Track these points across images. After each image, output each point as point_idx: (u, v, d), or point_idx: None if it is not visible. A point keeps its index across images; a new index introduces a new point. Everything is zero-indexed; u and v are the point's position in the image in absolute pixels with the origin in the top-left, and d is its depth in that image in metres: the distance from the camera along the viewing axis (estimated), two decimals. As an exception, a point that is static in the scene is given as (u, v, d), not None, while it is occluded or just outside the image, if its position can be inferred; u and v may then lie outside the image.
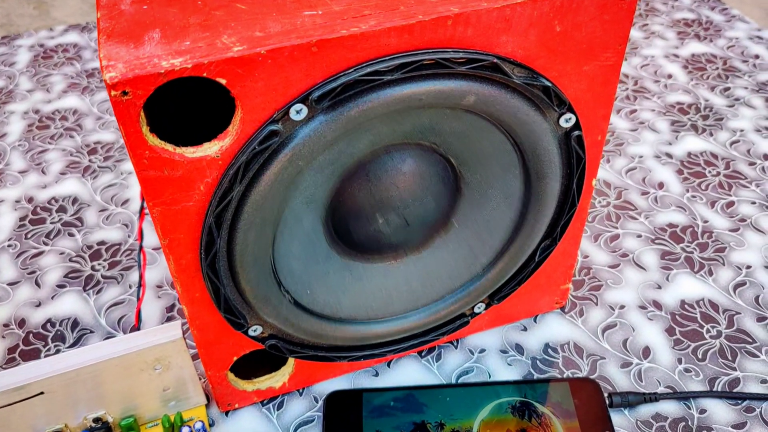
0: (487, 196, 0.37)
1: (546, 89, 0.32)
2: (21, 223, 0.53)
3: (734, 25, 0.72)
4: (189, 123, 0.33)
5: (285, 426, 0.40)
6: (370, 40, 0.28)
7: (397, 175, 0.35)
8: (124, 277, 0.49)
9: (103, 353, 0.37)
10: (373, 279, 0.37)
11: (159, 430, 0.39)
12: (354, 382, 0.42)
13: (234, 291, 0.33)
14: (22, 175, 0.58)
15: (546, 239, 0.39)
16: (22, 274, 0.49)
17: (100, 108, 0.65)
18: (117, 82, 0.25)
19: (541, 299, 0.44)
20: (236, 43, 0.27)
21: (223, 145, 0.29)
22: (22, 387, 0.36)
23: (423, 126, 0.32)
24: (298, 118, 0.28)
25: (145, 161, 0.28)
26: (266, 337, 0.37)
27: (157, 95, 0.29)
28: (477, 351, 0.43)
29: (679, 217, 0.51)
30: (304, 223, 0.34)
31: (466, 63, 0.29)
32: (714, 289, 0.46)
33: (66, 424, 0.38)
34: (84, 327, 0.46)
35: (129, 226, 0.52)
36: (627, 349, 0.43)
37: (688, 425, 0.39)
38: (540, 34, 0.30)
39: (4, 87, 0.68)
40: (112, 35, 0.27)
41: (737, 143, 0.58)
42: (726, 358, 0.42)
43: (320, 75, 0.28)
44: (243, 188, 0.30)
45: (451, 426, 0.39)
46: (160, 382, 0.39)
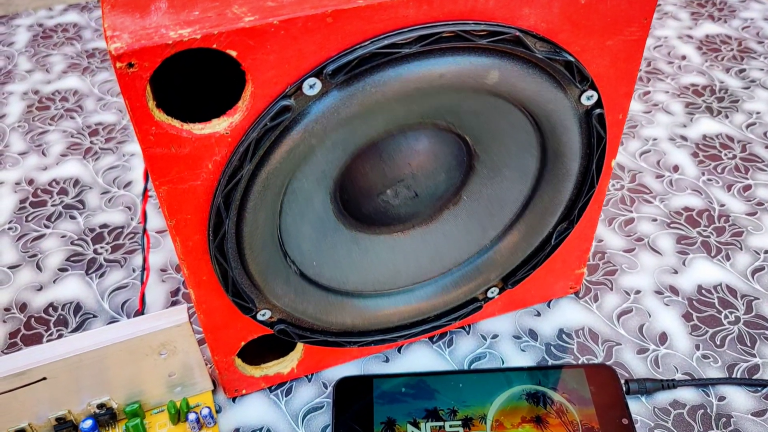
0: (501, 173, 0.35)
1: (569, 64, 0.30)
2: (21, 205, 0.52)
3: (749, 5, 0.70)
4: (197, 98, 0.32)
5: (293, 413, 0.39)
6: (387, 11, 0.26)
7: (411, 153, 0.34)
8: (128, 261, 0.47)
9: (107, 338, 0.36)
10: (381, 251, 0.36)
11: (164, 416, 0.38)
12: (364, 368, 0.41)
13: (242, 273, 0.32)
14: (22, 157, 0.56)
15: (563, 221, 0.38)
16: (23, 257, 0.48)
17: (101, 89, 0.63)
18: (122, 54, 0.24)
19: (555, 284, 0.43)
20: (247, 13, 0.25)
21: (232, 121, 0.27)
22: (23, 372, 0.35)
23: (441, 106, 0.31)
24: (311, 93, 0.27)
25: (152, 138, 0.27)
26: (275, 322, 0.36)
27: (164, 68, 0.28)
28: (490, 336, 0.42)
29: (695, 201, 0.50)
30: (313, 198, 0.33)
31: (488, 36, 0.28)
32: (731, 274, 0.45)
33: (69, 410, 0.37)
34: (87, 311, 0.45)
35: (132, 208, 0.51)
36: (643, 335, 0.42)
37: (707, 413, 0.38)
38: (563, 6, 0.29)
39: (3, 67, 0.67)
40: (117, 5, 0.26)
41: (753, 125, 0.56)
42: (745, 345, 0.41)
43: (335, 48, 0.27)
44: (253, 167, 0.28)
45: (464, 413, 0.38)
46: (166, 368, 0.38)
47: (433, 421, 0.38)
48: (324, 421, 0.39)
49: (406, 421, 0.38)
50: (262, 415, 0.39)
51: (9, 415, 0.36)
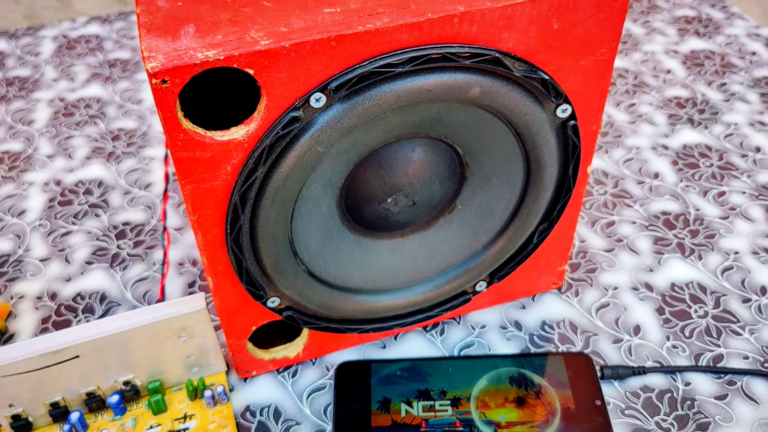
0: (490, 181, 0.39)
1: (544, 82, 0.34)
2: (50, 204, 0.57)
3: (733, 22, 0.74)
4: (214, 108, 0.36)
5: (299, 392, 0.43)
6: (383, 36, 0.31)
7: (407, 162, 0.38)
8: (148, 255, 0.52)
9: (133, 321, 0.40)
10: (381, 254, 0.41)
11: (183, 393, 0.43)
12: (363, 353, 0.45)
13: (255, 264, 0.37)
14: (50, 159, 0.61)
15: (543, 222, 0.42)
16: (53, 251, 0.53)
17: (123, 96, 0.68)
18: (157, 72, 0.28)
19: (539, 280, 0.47)
20: (263, 38, 0.29)
21: (248, 129, 0.32)
22: (59, 350, 0.39)
23: (431, 117, 0.35)
24: (317, 105, 0.31)
25: (180, 143, 0.31)
26: (283, 309, 0.40)
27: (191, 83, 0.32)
28: (478, 327, 0.46)
29: (673, 206, 0.54)
30: (320, 203, 0.37)
31: (471, 57, 0.32)
32: (703, 273, 0.49)
33: (99, 386, 0.41)
34: (111, 300, 0.49)
35: (152, 208, 0.56)
36: (618, 327, 0.46)
37: (673, 396, 0.42)
38: (539, 31, 0.33)
39: (31, 76, 0.71)
40: (152, 29, 0.30)
41: (731, 136, 0.60)
42: (711, 336, 0.45)
43: (338, 67, 0.31)
44: (266, 169, 0.33)
45: (452, 394, 0.42)
46: (185, 350, 0.42)
47: (424, 401, 0.42)
48: (326, 400, 0.43)
49: (401, 401, 0.42)
50: (271, 394, 0.43)
51: (45, 390, 0.40)
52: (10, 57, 0.74)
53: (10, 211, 0.56)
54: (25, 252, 0.53)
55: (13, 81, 0.71)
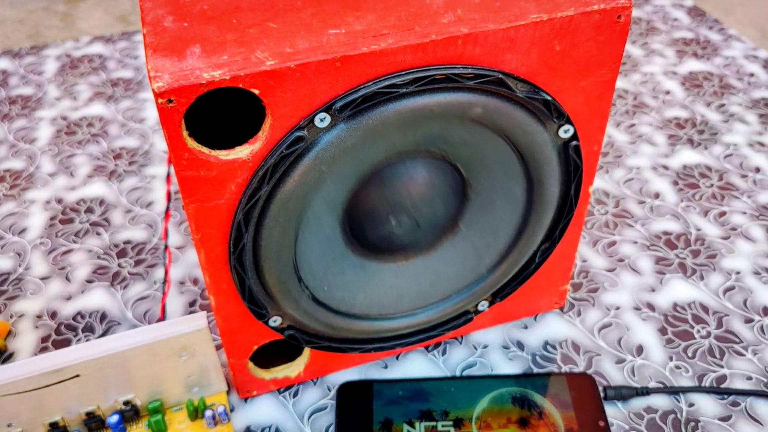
0: (493, 201, 0.40)
1: (546, 103, 0.35)
2: (51, 222, 0.57)
3: (731, 44, 0.75)
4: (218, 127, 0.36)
5: (300, 413, 0.43)
6: (387, 57, 0.31)
7: (410, 181, 0.38)
8: (149, 274, 0.52)
9: (134, 340, 0.40)
10: (385, 278, 0.40)
11: (183, 413, 0.42)
12: (365, 374, 0.45)
13: (257, 283, 0.36)
14: (51, 178, 0.61)
15: (545, 242, 0.42)
16: (53, 269, 0.53)
17: (125, 116, 0.68)
18: (164, 91, 0.28)
19: (541, 299, 0.47)
20: (269, 58, 0.30)
21: (253, 149, 0.32)
22: (59, 369, 0.39)
23: (433, 135, 0.35)
24: (321, 125, 0.32)
25: (184, 162, 0.31)
26: (285, 328, 0.40)
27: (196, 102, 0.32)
28: (480, 346, 0.46)
29: (674, 226, 0.54)
30: (324, 224, 0.37)
31: (474, 78, 0.32)
32: (704, 293, 0.49)
33: (98, 405, 0.41)
34: (112, 319, 0.49)
35: (153, 226, 0.56)
36: (621, 347, 0.46)
37: (677, 417, 0.42)
38: (541, 53, 0.33)
39: (34, 95, 0.72)
40: (158, 49, 0.30)
41: (730, 156, 0.61)
42: (714, 357, 0.45)
43: (343, 87, 0.31)
44: (270, 188, 0.33)
45: (455, 414, 0.42)
46: (185, 369, 0.42)
47: (426, 422, 0.41)
48: (328, 420, 0.42)
49: (403, 422, 0.42)
50: (272, 414, 0.43)
51: (44, 409, 0.40)
52: (14, 76, 0.75)
53: (11, 229, 0.56)
54: (26, 270, 0.53)
55: (16, 99, 0.71)
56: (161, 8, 0.33)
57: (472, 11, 0.32)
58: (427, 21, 0.32)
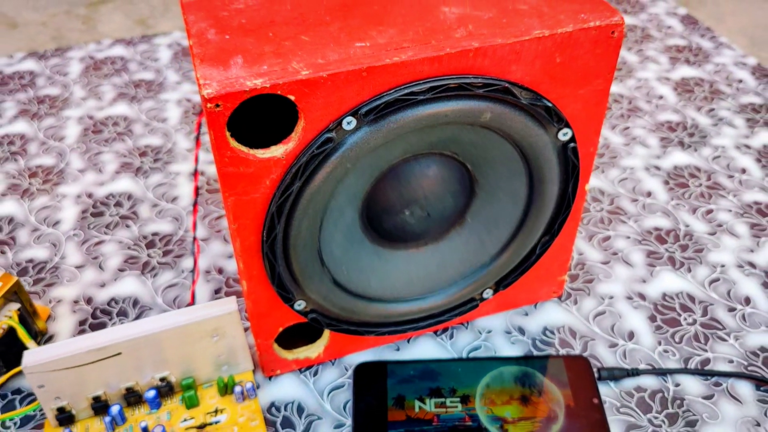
0: (497, 196, 0.44)
1: (547, 109, 0.39)
2: (83, 215, 0.61)
3: (721, 51, 0.79)
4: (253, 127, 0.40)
5: (320, 390, 0.47)
6: (407, 68, 0.35)
7: (423, 177, 0.42)
8: (177, 264, 0.56)
9: (171, 322, 0.44)
10: (398, 264, 0.44)
11: (214, 389, 0.46)
12: (379, 355, 0.49)
13: (286, 269, 0.40)
14: (81, 174, 0.65)
15: (545, 235, 0.46)
16: (87, 258, 0.57)
17: (148, 115, 0.72)
18: (212, 97, 0.32)
19: (540, 288, 0.51)
20: (303, 68, 0.34)
21: (287, 148, 0.36)
22: (103, 348, 0.43)
23: (446, 137, 0.39)
24: (348, 128, 0.35)
25: (227, 159, 0.35)
26: (308, 311, 0.44)
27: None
28: (485, 331, 0.50)
29: (664, 222, 0.58)
30: (345, 215, 0.41)
31: (483, 87, 0.36)
32: (692, 284, 0.53)
33: (137, 381, 0.45)
34: (143, 304, 0.53)
35: (179, 219, 0.60)
36: (614, 333, 0.50)
37: (664, 396, 0.46)
38: (543, 64, 0.37)
39: (60, 95, 0.75)
40: (205, 59, 0.34)
41: (718, 158, 0.65)
42: (699, 342, 0.49)
43: (368, 94, 0.35)
44: (301, 184, 0.37)
45: (461, 391, 0.46)
46: (216, 349, 0.46)
47: (436, 398, 0.45)
48: (345, 397, 0.46)
49: (414, 398, 0.46)
50: (294, 391, 0.47)
51: (87, 384, 0.44)
52: (41, 77, 0.78)
53: (46, 221, 0.60)
54: (61, 259, 0.57)
55: (43, 99, 0.75)
56: (204, 21, 0.37)
57: (482, 27, 0.36)
58: (442, 35, 0.36)
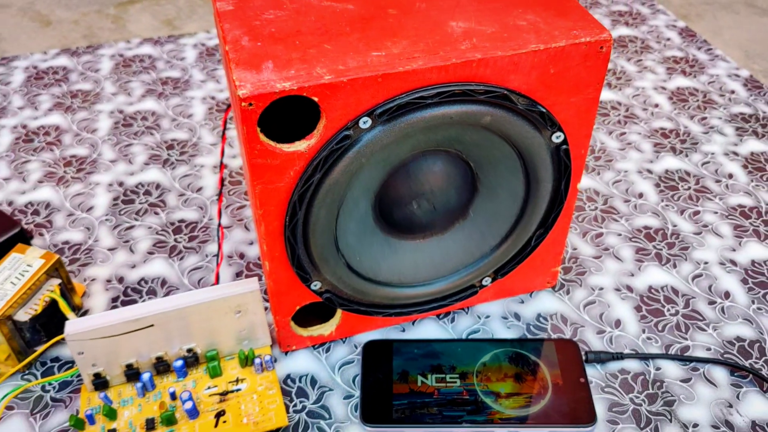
0: (497, 192, 0.48)
1: (542, 114, 0.43)
2: (114, 202, 0.65)
3: (716, 63, 0.83)
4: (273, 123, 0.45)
5: (331, 365, 0.52)
6: (418, 75, 0.39)
7: (430, 173, 0.47)
8: (201, 249, 0.60)
9: (199, 298, 0.49)
10: (405, 252, 0.49)
11: (235, 361, 0.51)
12: (386, 335, 0.53)
13: (304, 252, 0.45)
14: (112, 164, 0.70)
15: (540, 228, 0.50)
16: (119, 242, 0.61)
17: (175, 111, 0.77)
18: (246, 97, 0.37)
19: (536, 278, 0.55)
20: (326, 73, 0.38)
21: (309, 143, 0.40)
22: (137, 319, 0.48)
23: (451, 137, 0.43)
24: (364, 126, 0.40)
25: (256, 152, 0.40)
26: (323, 292, 0.48)
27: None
28: (483, 317, 0.55)
29: (653, 221, 0.63)
30: (359, 206, 0.45)
31: (485, 93, 0.41)
32: (676, 278, 0.58)
33: (166, 352, 0.50)
34: (171, 285, 0.58)
35: (203, 208, 0.64)
36: (602, 321, 0.54)
37: (645, 378, 0.50)
38: (539, 75, 0.42)
39: (92, 90, 0.81)
40: (239, 63, 0.39)
41: (707, 164, 0.69)
42: (680, 331, 0.53)
43: (382, 97, 0.40)
44: (321, 175, 0.41)
45: (460, 369, 0.50)
46: (238, 325, 0.50)
47: (437, 374, 0.50)
48: (354, 372, 0.51)
49: (417, 374, 0.50)
50: (308, 365, 0.52)
51: (122, 353, 0.49)
52: (73, 72, 0.84)
53: (80, 207, 0.65)
54: (95, 242, 0.62)
55: (76, 94, 0.80)
56: (238, 29, 0.42)
57: (484, 40, 0.41)
58: (449, 47, 0.40)
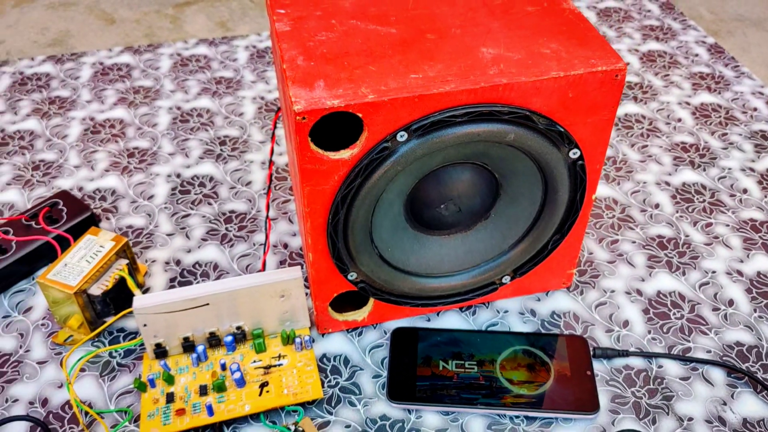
0: (517, 199, 0.53)
1: (560, 133, 0.48)
2: (172, 192, 0.72)
3: (742, 80, 0.86)
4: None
5: (362, 347, 0.58)
6: (449, 96, 0.45)
7: (458, 181, 0.52)
8: (249, 237, 0.67)
9: (249, 282, 0.55)
10: (432, 247, 0.55)
11: (278, 339, 0.57)
12: (413, 323, 0.59)
13: (344, 246, 0.51)
14: (170, 157, 0.77)
15: (556, 234, 0.55)
16: (176, 228, 0.68)
17: (227, 110, 0.84)
18: (300, 112, 0.43)
19: (552, 279, 0.60)
20: (370, 93, 0.44)
21: (352, 152, 0.46)
22: (196, 298, 0.54)
23: (478, 151, 0.49)
24: (401, 140, 0.46)
25: (307, 158, 0.46)
26: (359, 282, 0.54)
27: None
28: (502, 311, 0.60)
29: (667, 231, 0.67)
30: (393, 206, 0.51)
31: (509, 114, 0.46)
32: (684, 285, 0.62)
33: (218, 328, 0.56)
34: (222, 269, 0.64)
35: (252, 201, 0.71)
36: (611, 321, 0.59)
37: (647, 375, 0.55)
38: (559, 98, 0.47)
39: (153, 86, 0.88)
40: (295, 81, 0.45)
41: (724, 178, 0.73)
42: (684, 333, 0.58)
43: (418, 115, 0.45)
44: (361, 180, 0.47)
45: (478, 357, 0.56)
46: (282, 307, 0.57)
47: (457, 360, 0.56)
48: (383, 354, 0.57)
49: (439, 359, 0.56)
50: (342, 347, 0.58)
51: (180, 327, 0.55)
52: (135, 69, 0.91)
53: (142, 195, 0.72)
54: (155, 227, 0.69)
55: (138, 90, 0.87)
56: (294, 50, 0.48)
57: (511, 66, 0.46)
58: (479, 72, 0.46)
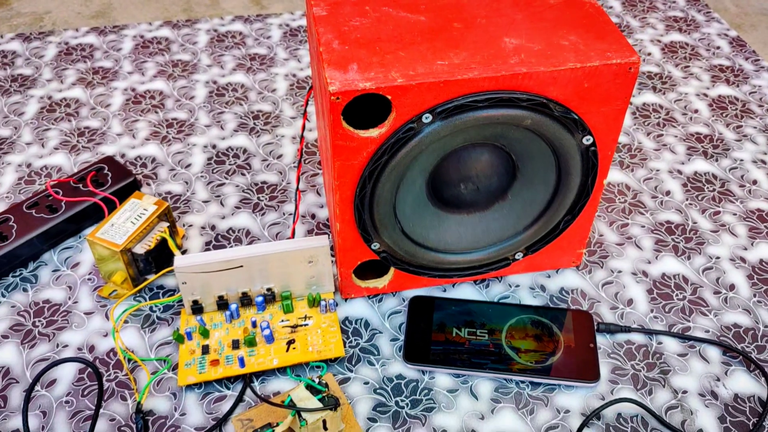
0: (533, 182, 0.57)
1: (575, 120, 0.52)
2: (208, 162, 0.77)
3: (761, 74, 0.88)
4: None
5: (382, 312, 0.62)
6: (472, 83, 0.49)
7: (477, 161, 0.56)
8: (280, 207, 0.71)
9: (279, 248, 0.59)
10: (451, 224, 0.59)
11: (304, 302, 0.62)
12: (429, 293, 0.64)
13: (369, 218, 0.55)
14: (207, 129, 0.81)
15: (568, 215, 0.59)
16: (212, 196, 0.73)
17: (261, 85, 0.88)
18: (335, 92, 0.47)
19: (562, 257, 0.64)
20: (399, 77, 0.48)
21: (381, 131, 0.50)
22: (230, 260, 0.59)
23: (497, 133, 0.53)
24: (426, 121, 0.50)
25: (339, 135, 0.50)
26: (381, 251, 0.58)
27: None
28: (514, 285, 0.64)
29: (676, 217, 0.70)
30: (416, 183, 0.55)
31: (527, 101, 0.50)
32: (688, 269, 0.65)
33: (250, 288, 0.61)
34: (253, 235, 0.69)
35: (282, 173, 0.75)
36: (616, 299, 0.63)
37: (647, 350, 0.59)
38: (574, 87, 0.50)
39: (190, 60, 0.92)
40: (331, 63, 0.49)
41: (735, 169, 0.76)
42: (684, 314, 0.62)
43: (442, 98, 0.49)
44: (387, 157, 0.51)
45: (489, 326, 0.60)
46: (309, 272, 0.61)
47: (469, 328, 0.60)
48: (401, 320, 0.61)
49: (452, 326, 0.60)
50: (363, 311, 0.62)
51: (215, 286, 0.60)
52: (174, 43, 0.95)
53: (180, 164, 0.77)
54: (192, 194, 0.73)
55: (177, 63, 0.91)
56: (330, 34, 0.52)
57: (531, 57, 0.50)
58: (501, 60, 0.49)
